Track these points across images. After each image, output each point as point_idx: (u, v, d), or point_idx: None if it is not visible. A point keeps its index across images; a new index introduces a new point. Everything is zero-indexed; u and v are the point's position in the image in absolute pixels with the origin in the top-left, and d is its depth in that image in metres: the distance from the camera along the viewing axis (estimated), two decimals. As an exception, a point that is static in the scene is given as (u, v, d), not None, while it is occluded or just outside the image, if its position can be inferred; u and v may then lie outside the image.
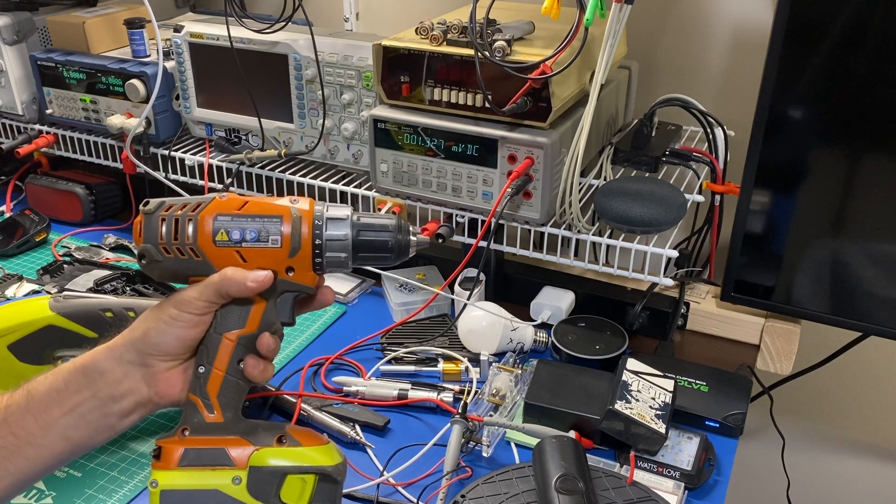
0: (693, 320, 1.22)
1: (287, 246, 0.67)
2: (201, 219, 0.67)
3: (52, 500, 0.91)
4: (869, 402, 1.44)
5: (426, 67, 1.08)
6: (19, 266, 1.39)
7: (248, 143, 1.35)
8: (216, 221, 0.67)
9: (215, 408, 0.68)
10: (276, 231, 0.67)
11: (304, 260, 0.68)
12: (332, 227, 0.68)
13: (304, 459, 0.68)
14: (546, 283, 1.25)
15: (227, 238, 0.67)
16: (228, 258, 0.67)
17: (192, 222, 0.67)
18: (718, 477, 0.95)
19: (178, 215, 0.67)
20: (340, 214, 0.69)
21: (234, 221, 0.67)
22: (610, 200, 1.06)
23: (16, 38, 1.44)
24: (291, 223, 0.67)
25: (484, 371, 1.09)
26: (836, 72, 0.95)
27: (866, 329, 1.07)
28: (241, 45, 1.25)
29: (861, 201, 1.00)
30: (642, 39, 1.31)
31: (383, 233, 0.70)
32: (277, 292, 0.69)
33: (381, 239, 0.70)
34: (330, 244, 0.68)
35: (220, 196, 0.68)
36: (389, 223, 0.70)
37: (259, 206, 0.68)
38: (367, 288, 1.33)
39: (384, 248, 0.70)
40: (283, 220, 0.67)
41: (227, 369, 0.68)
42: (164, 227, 0.67)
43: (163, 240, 0.67)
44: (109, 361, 0.68)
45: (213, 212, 0.67)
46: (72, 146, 1.50)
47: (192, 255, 0.67)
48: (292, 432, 0.70)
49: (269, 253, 0.67)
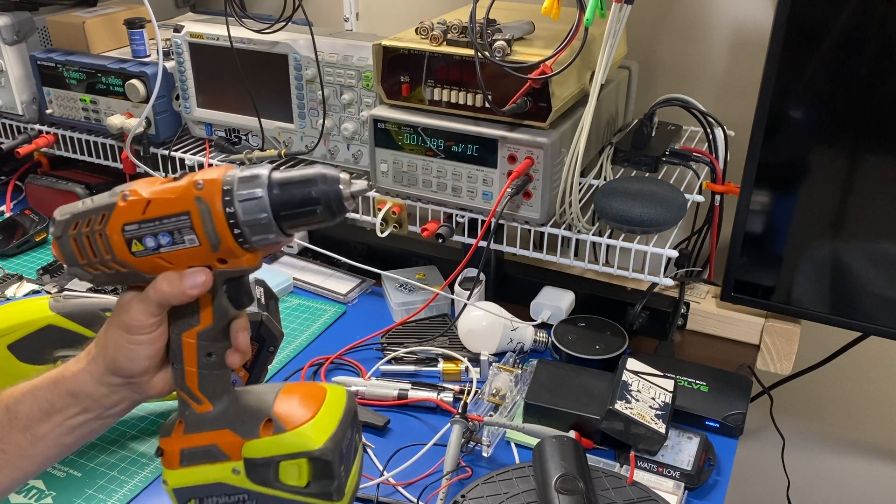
0: (693, 320, 1.22)
1: (206, 242, 0.61)
2: (110, 232, 0.61)
3: (52, 499, 0.91)
4: (869, 402, 1.44)
5: (426, 67, 1.08)
6: (19, 266, 1.39)
7: (248, 143, 1.35)
8: (125, 232, 0.61)
9: (202, 399, 0.67)
10: (188, 230, 0.61)
11: (229, 248, 0.61)
12: (247, 204, 0.60)
13: (288, 447, 0.67)
14: (546, 283, 1.25)
15: (143, 247, 0.62)
16: (153, 265, 0.62)
17: (102, 238, 0.62)
18: (718, 477, 0.95)
19: (87, 232, 0.62)
20: (255, 184, 0.60)
21: (143, 229, 0.61)
22: (610, 200, 1.06)
23: (16, 38, 1.44)
24: (201, 216, 0.60)
25: (484, 371, 1.09)
26: (835, 72, 0.95)
27: (866, 329, 1.07)
28: (241, 45, 1.25)
29: (861, 201, 1.00)
30: (642, 39, 1.31)
31: (304, 185, 0.60)
32: (220, 282, 0.64)
33: (303, 192, 0.60)
34: (251, 227, 0.60)
35: (125, 196, 0.61)
36: (311, 173, 0.61)
37: (163, 203, 0.61)
38: (367, 288, 1.33)
39: (309, 201, 0.60)
40: (190, 216, 0.60)
41: (199, 365, 0.66)
42: (77, 249, 0.63)
43: (83, 260, 0.63)
44: (93, 385, 0.67)
45: (118, 223, 0.61)
46: (72, 146, 1.50)
47: (118, 269, 0.63)
48: (280, 408, 0.68)
49: (190, 252, 0.62)
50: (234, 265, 0.63)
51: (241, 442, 0.67)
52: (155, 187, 0.62)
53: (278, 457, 0.67)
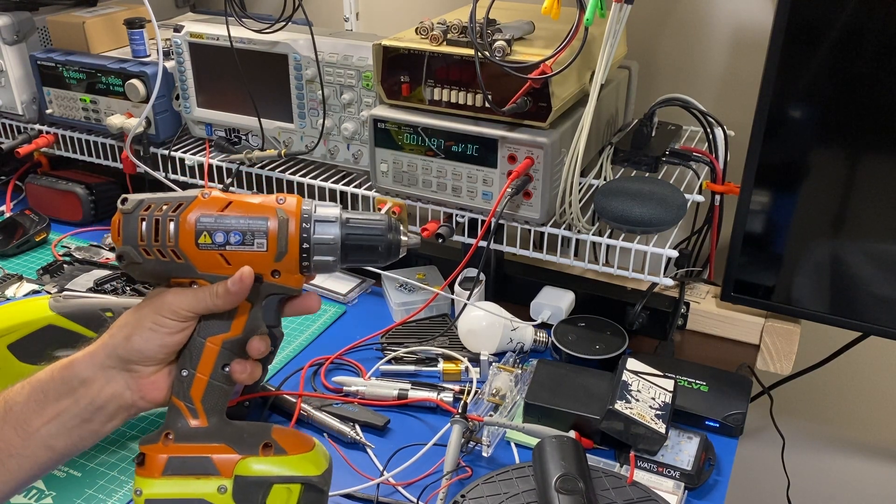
0: (693, 320, 1.22)
1: (273, 250, 0.64)
2: (183, 219, 0.63)
3: (52, 499, 0.91)
4: (869, 402, 1.44)
5: (426, 67, 1.08)
6: (19, 266, 1.39)
7: (248, 143, 1.35)
8: (199, 223, 0.63)
9: (199, 412, 0.66)
10: (261, 234, 0.64)
11: (290, 263, 0.65)
12: (321, 228, 0.65)
13: (289, 468, 0.67)
14: (546, 283, 1.25)
15: (211, 241, 0.63)
16: (211, 261, 0.64)
17: (174, 223, 0.63)
18: (718, 477, 0.95)
19: (159, 215, 0.63)
20: (330, 216, 0.66)
21: (218, 223, 0.63)
22: (610, 200, 1.06)
23: (16, 38, 1.44)
24: (278, 226, 0.64)
25: (484, 371, 1.09)
26: (836, 72, 0.95)
27: (866, 329, 1.07)
28: (241, 45, 1.25)
29: (861, 201, 1.00)
30: (642, 39, 1.31)
31: (374, 234, 0.67)
32: (262, 295, 0.66)
33: (372, 240, 0.67)
34: (318, 247, 0.65)
35: (204, 194, 0.64)
36: (380, 224, 0.67)
37: (244, 206, 0.64)
38: (367, 288, 1.33)
39: (374, 249, 0.67)
40: (268, 221, 0.64)
41: (212, 374, 0.66)
42: (144, 228, 0.63)
43: (143, 241, 0.63)
44: (90, 369, 0.66)
45: (195, 212, 0.63)
46: (72, 146, 1.50)
47: (173, 258, 0.64)
48: (278, 437, 0.68)
49: (254, 256, 0.64)
50: (284, 281, 0.66)
51: (236, 458, 0.66)
52: (232, 195, 0.66)
53: (274, 478, 0.67)
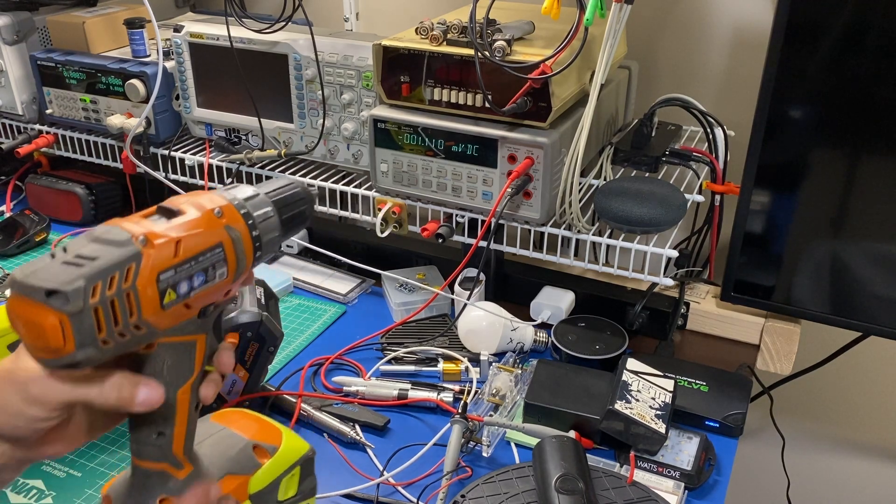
0: (693, 320, 1.22)
1: (233, 271, 0.57)
2: (142, 287, 0.51)
3: (52, 499, 0.91)
4: (869, 402, 1.44)
5: (426, 67, 1.08)
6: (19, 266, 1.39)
7: (248, 143, 1.35)
8: (160, 283, 0.52)
9: (184, 462, 0.59)
10: (221, 263, 0.56)
11: (248, 269, 0.59)
12: (257, 210, 0.58)
13: (287, 462, 0.69)
14: (546, 283, 1.25)
15: (176, 295, 0.53)
16: (175, 315, 0.54)
17: (132, 296, 0.51)
18: (718, 477, 0.95)
19: (112, 295, 0.50)
20: (252, 192, 0.59)
21: (179, 273, 0.53)
22: (610, 200, 1.06)
23: (16, 38, 1.44)
24: (233, 244, 0.56)
25: (484, 371, 1.09)
26: (835, 72, 0.95)
27: (866, 329, 1.07)
28: (241, 45, 1.25)
29: (861, 201, 1.00)
30: (642, 39, 1.31)
31: (299, 198, 0.62)
32: (212, 318, 0.59)
33: (299, 205, 0.62)
34: (264, 227, 0.59)
35: (142, 242, 0.51)
36: (297, 187, 0.62)
37: (193, 240, 0.54)
38: (367, 288, 1.33)
39: (303, 214, 0.62)
40: (223, 246, 0.56)
41: (188, 419, 0.59)
42: (103, 317, 0.50)
43: (103, 333, 0.50)
44: None
45: (151, 273, 0.51)
46: (72, 146, 1.50)
47: (135, 333, 0.52)
48: (256, 437, 0.68)
49: (216, 288, 0.56)
50: (234, 291, 0.59)
51: (246, 479, 0.66)
52: (165, 225, 0.53)
53: (280, 476, 0.69)
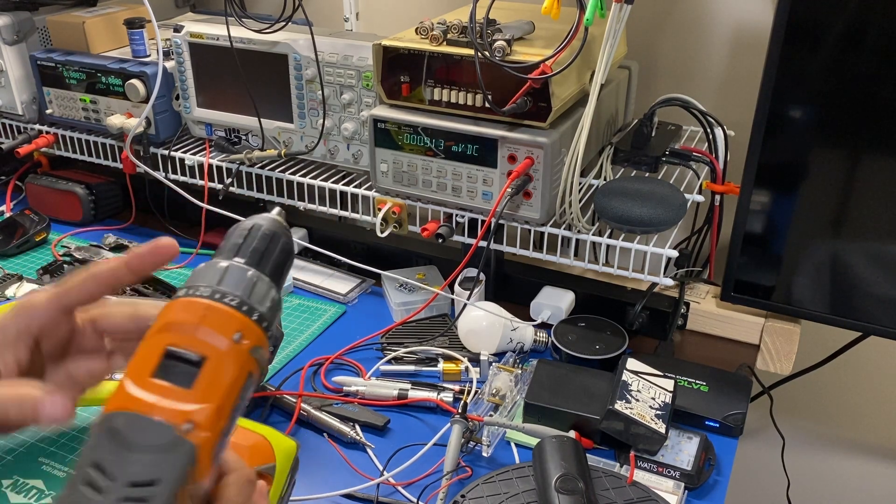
0: (693, 320, 1.22)
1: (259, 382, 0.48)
2: (201, 479, 0.42)
3: (52, 499, 0.91)
4: (869, 402, 1.44)
5: (426, 67, 1.08)
6: (19, 266, 1.39)
7: (248, 143, 1.35)
8: (215, 461, 0.44)
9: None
10: (250, 388, 0.46)
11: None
12: (264, 304, 0.47)
13: (284, 470, 0.70)
14: (546, 283, 1.25)
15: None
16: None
17: (197, 486, 0.42)
18: (718, 477, 0.95)
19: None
20: (246, 276, 0.47)
21: (224, 439, 0.45)
22: (610, 200, 1.06)
23: (16, 38, 1.44)
24: (259, 365, 0.46)
25: (484, 371, 1.09)
26: (835, 72, 0.95)
27: (866, 329, 1.07)
28: (241, 45, 1.25)
29: (861, 201, 1.00)
30: (642, 39, 1.31)
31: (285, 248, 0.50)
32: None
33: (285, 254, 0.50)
34: (275, 316, 0.48)
35: (183, 430, 0.41)
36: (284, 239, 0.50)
37: (228, 388, 0.43)
38: (367, 288, 1.33)
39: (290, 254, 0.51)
40: (252, 376, 0.46)
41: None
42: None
43: None
44: None
45: (209, 458, 0.42)
46: (72, 146, 1.50)
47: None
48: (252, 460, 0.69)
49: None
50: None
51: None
52: (193, 388, 0.42)
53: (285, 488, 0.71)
